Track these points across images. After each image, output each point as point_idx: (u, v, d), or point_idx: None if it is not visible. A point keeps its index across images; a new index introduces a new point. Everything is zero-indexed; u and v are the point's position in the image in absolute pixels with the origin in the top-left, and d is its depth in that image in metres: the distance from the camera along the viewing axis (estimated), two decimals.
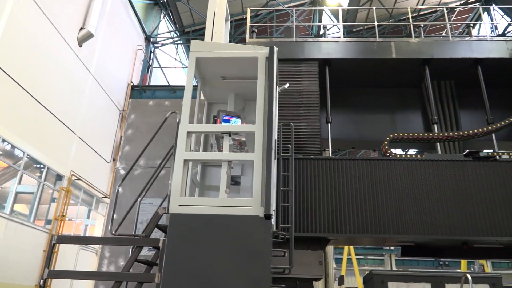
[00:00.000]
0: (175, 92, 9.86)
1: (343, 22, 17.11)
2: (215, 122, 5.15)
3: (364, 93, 9.99)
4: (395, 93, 10.00)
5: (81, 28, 12.14)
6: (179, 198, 4.23)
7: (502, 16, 19.08)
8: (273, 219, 4.99)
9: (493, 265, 23.54)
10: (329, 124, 8.48)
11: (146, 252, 6.71)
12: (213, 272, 3.93)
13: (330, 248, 14.12)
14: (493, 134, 8.42)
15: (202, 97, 5.94)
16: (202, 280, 3.89)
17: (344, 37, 9.46)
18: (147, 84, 12.02)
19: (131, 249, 4.57)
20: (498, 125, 8.14)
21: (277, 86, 5.68)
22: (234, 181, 5.66)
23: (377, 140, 9.12)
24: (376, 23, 9.64)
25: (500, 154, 7.73)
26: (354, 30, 21.58)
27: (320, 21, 20.79)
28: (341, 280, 16.70)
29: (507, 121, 8.11)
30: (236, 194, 5.51)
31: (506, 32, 17.91)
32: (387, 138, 8.15)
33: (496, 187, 7.34)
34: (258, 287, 3.86)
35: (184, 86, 4.83)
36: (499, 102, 9.26)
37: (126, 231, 5.61)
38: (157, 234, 5.12)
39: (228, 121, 5.07)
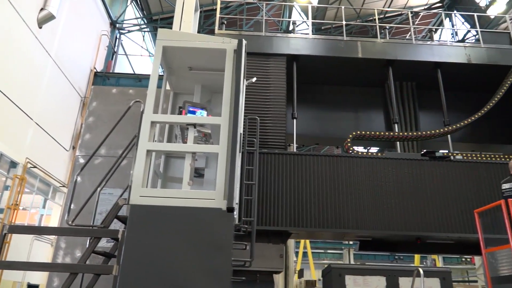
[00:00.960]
0: (140, 80, 9.62)
1: (312, 19, 17.29)
2: (180, 113, 5.08)
3: (330, 90, 10.17)
4: (360, 92, 10.24)
5: (42, 9, 11.57)
6: (140, 189, 4.15)
7: (463, 23, 19.94)
8: (236, 212, 5.01)
9: (444, 259, 24.77)
10: (294, 120, 8.57)
11: (105, 244, 6.54)
12: (173, 264, 3.89)
13: (291, 242, 14.35)
14: (449, 136, 8.81)
15: (168, 87, 5.83)
16: (162, 272, 3.85)
17: (312, 34, 9.58)
18: (111, 71, 11.66)
19: (88, 240, 4.44)
20: (454, 127, 8.52)
21: (245, 80, 5.67)
22: (198, 173, 5.61)
23: (340, 137, 9.32)
24: (344, 22, 9.80)
25: (455, 154, 8.11)
26: (322, 28, 21.86)
27: (290, 17, 20.90)
28: (300, 273, 17.04)
29: (462, 123, 8.50)
30: (199, 187, 5.47)
31: (465, 38, 18.73)
32: (350, 136, 8.34)
33: (450, 186, 7.70)
34: (219, 280, 3.87)
35: (149, 75, 4.72)
36: (456, 105, 9.69)
37: (84, 222, 5.45)
38: (116, 225, 5.00)
39: (193, 112, 5.01)
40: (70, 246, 7.21)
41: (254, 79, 6.37)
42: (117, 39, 17.71)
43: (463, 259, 25.52)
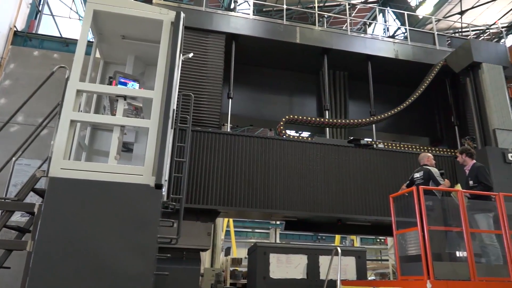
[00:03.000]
0: (67, 45, 8.89)
1: None
2: (110, 83, 4.81)
3: (267, 73, 10.26)
4: (295, 77, 10.46)
5: None
6: (62, 161, 3.90)
7: (394, 20, 21.09)
8: (164, 189, 4.92)
9: (361, 240, 26.64)
10: (230, 100, 8.55)
11: (19, 218, 6.10)
12: (94, 241, 3.74)
13: (219, 221, 14.50)
14: (373, 125, 9.38)
15: (97, 55, 5.49)
16: (81, 249, 3.69)
17: (253, 15, 9.53)
18: (34, 32, 10.64)
19: (0, 214, 4.10)
20: (379, 117, 9.08)
21: (181, 54, 5.52)
22: (126, 148, 5.40)
23: (274, 120, 9.48)
24: (285, 6, 9.87)
25: (377, 143, 8.68)
26: (264, 9, 21.83)
27: None
28: (227, 252, 17.34)
29: (386, 114, 9.08)
30: (127, 162, 5.27)
31: (395, 34, 19.85)
32: (283, 119, 8.53)
33: (371, 172, 8.25)
34: (143, 256, 3.80)
35: (78, 40, 4.39)
36: (382, 97, 10.30)
37: None
38: (33, 198, 4.67)
39: (125, 84, 4.78)
40: None
41: (191, 55, 6.21)
42: None
43: (378, 240, 27.65)
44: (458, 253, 5.17)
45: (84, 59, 4.32)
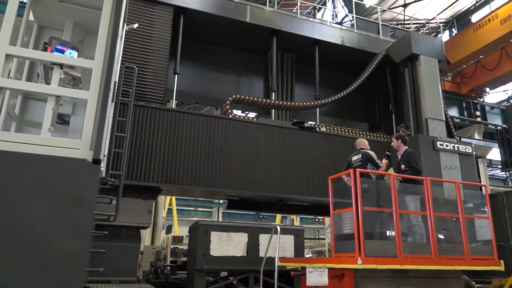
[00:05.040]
0: None
1: None
2: (45, 50, 4.46)
3: (215, 50, 10.09)
4: (244, 56, 10.40)
5: None
6: None
7: (343, 7, 21.55)
8: (103, 165, 4.73)
9: (301, 220, 27.63)
10: (176, 75, 8.33)
11: None
12: (25, 217, 3.52)
13: (161, 198, 14.30)
14: (317, 109, 9.63)
15: (31, 18, 5.05)
16: (10, 226, 3.46)
17: None
18: None
19: None
20: (323, 101, 9.33)
21: (125, 24, 5.25)
22: (62, 120, 5.09)
23: (221, 99, 9.42)
24: None
25: (320, 126, 8.94)
26: None
27: None
28: (168, 230, 17.21)
29: (329, 99, 9.35)
30: (63, 135, 4.97)
31: (342, 22, 20.31)
32: (230, 99, 8.49)
33: (312, 154, 8.51)
34: (78, 234, 3.65)
35: None
36: (327, 82, 10.58)
37: None
38: None
39: (62, 51, 4.46)
40: None
41: (135, 26, 5.93)
42: None
43: (316, 220, 28.84)
44: (388, 232, 5.54)
45: (16, 21, 3.96)
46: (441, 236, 5.75)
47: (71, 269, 3.51)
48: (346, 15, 18.94)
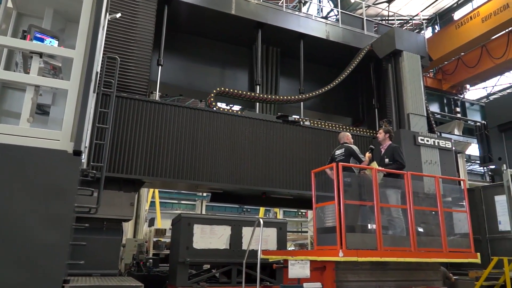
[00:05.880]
0: None
1: None
2: (24, 38, 4.35)
3: (200, 42, 10.00)
4: (228, 49, 10.34)
5: None
6: None
7: (328, 1, 21.59)
8: (84, 157, 4.66)
9: (284, 213, 27.81)
10: (160, 67, 8.24)
11: None
12: (4, 209, 3.45)
13: (144, 191, 14.18)
14: (302, 103, 9.66)
15: (9, 4, 4.91)
16: None
17: None
18: None
19: None
20: (307, 95, 9.37)
21: (107, 13, 5.15)
22: (42, 110, 4.98)
23: (205, 91, 9.35)
24: None
25: (304, 120, 8.98)
26: None
27: None
28: (151, 222, 17.11)
29: (313, 93, 9.39)
30: (42, 125, 4.86)
31: (328, 16, 20.37)
32: (214, 91, 8.44)
33: (296, 148, 8.55)
34: (58, 226, 3.59)
35: None
36: (311, 76, 10.61)
37: None
38: None
39: (41, 40, 4.35)
40: None
41: (118, 15, 5.83)
42: None
43: (299, 213, 29.08)
44: (369, 226, 5.62)
45: None
46: (420, 229, 5.87)
47: (50, 261, 3.46)
48: (332, 10, 18.98)
